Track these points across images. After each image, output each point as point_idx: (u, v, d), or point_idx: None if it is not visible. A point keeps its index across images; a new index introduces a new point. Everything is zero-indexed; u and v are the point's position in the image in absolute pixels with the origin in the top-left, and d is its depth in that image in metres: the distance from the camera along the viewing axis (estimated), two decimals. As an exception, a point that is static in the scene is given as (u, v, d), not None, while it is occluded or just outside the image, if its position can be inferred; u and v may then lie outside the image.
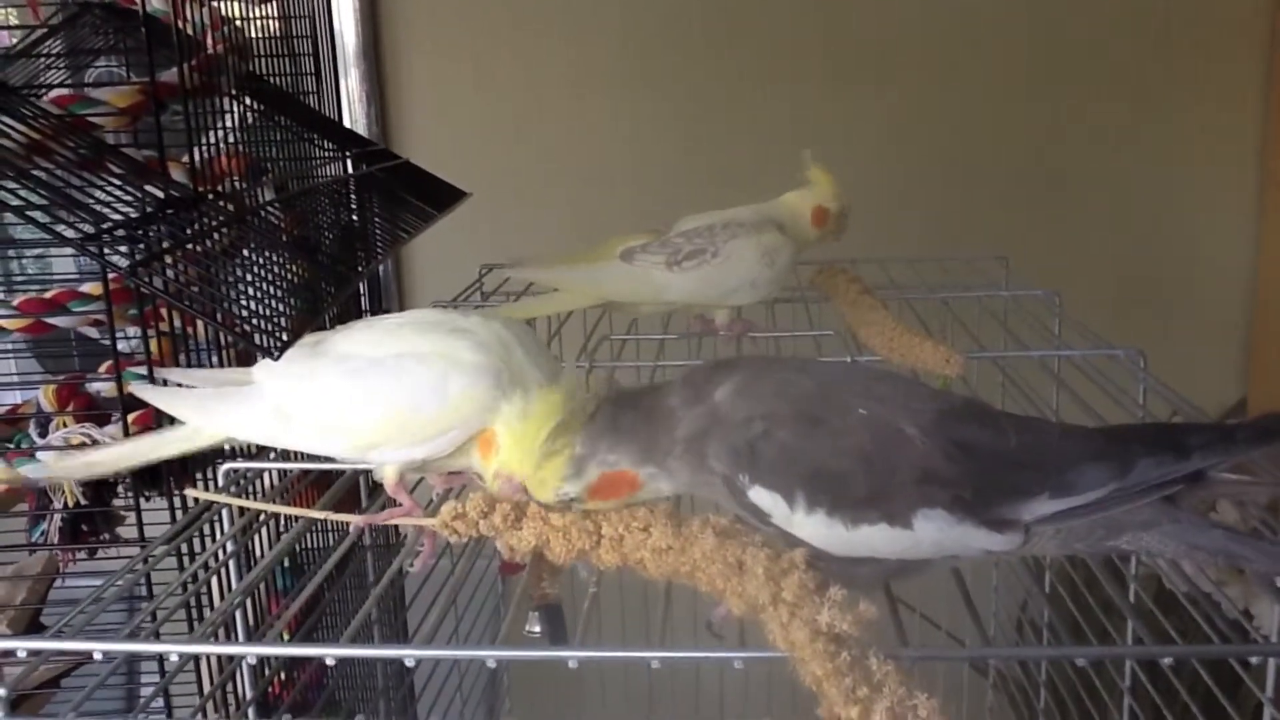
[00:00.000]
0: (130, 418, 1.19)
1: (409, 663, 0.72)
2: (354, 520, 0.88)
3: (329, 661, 0.69)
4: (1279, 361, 2.56)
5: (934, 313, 1.47)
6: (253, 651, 0.72)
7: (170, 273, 0.92)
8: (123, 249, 0.95)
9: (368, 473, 1.09)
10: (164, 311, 1.19)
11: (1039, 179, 2.53)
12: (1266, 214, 2.57)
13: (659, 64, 2.49)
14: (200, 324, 1.23)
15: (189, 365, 1.17)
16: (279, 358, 0.88)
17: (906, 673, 0.61)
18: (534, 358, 0.87)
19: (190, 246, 0.95)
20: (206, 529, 1.07)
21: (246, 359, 1.29)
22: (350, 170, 1.51)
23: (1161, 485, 0.70)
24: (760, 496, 0.74)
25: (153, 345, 1.20)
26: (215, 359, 1.23)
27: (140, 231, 0.92)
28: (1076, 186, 2.53)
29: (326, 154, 1.47)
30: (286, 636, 1.21)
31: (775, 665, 0.66)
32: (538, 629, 1.34)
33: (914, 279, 1.58)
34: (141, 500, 1.20)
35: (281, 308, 0.96)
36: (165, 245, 0.92)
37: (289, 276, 1.05)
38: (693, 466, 0.77)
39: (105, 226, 0.90)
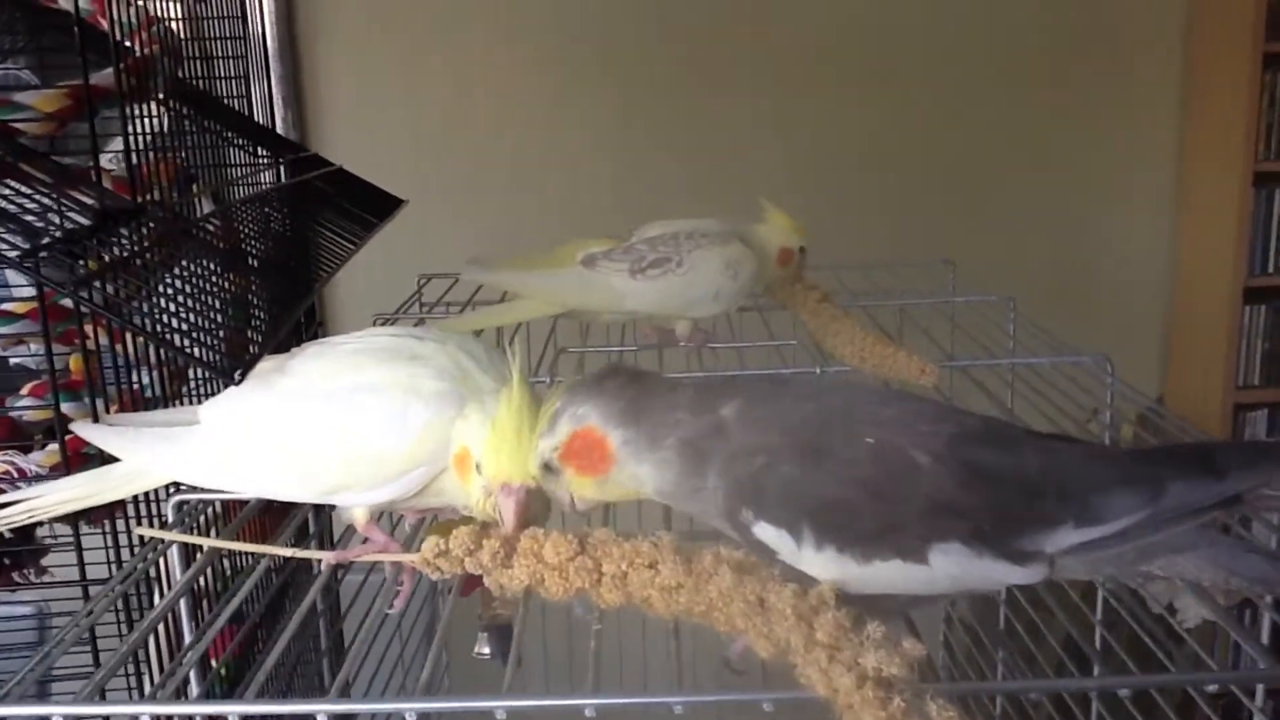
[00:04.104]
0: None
1: (410, 718, 0.66)
2: (325, 558, 0.82)
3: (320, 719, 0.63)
4: (1195, 360, 2.61)
5: (887, 318, 1.45)
6: (235, 710, 0.65)
7: (110, 288, 0.85)
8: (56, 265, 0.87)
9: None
10: (89, 329, 1.11)
11: (966, 185, 2.55)
12: (1182, 217, 2.62)
13: (591, 67, 2.45)
14: (129, 341, 1.15)
15: (109, 383, 1.09)
16: (240, 381, 0.81)
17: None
18: (494, 378, 0.82)
19: (135, 262, 0.88)
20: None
21: (181, 377, 1.22)
22: (283, 177, 1.44)
23: (1197, 511, 0.67)
24: (765, 533, 0.69)
25: (73, 363, 1.12)
26: (150, 377, 1.15)
27: (82, 246, 0.85)
28: (1003, 193, 2.57)
29: (260, 161, 1.39)
30: (223, 670, 1.15)
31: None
32: (486, 650, 1.28)
33: (862, 284, 1.56)
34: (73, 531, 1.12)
35: (239, 328, 0.89)
36: (108, 261, 0.85)
37: (239, 293, 0.98)
38: (685, 471, 0.72)
39: (44, 241, 0.82)
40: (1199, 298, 2.60)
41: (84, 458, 1.06)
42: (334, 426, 0.79)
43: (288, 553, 0.82)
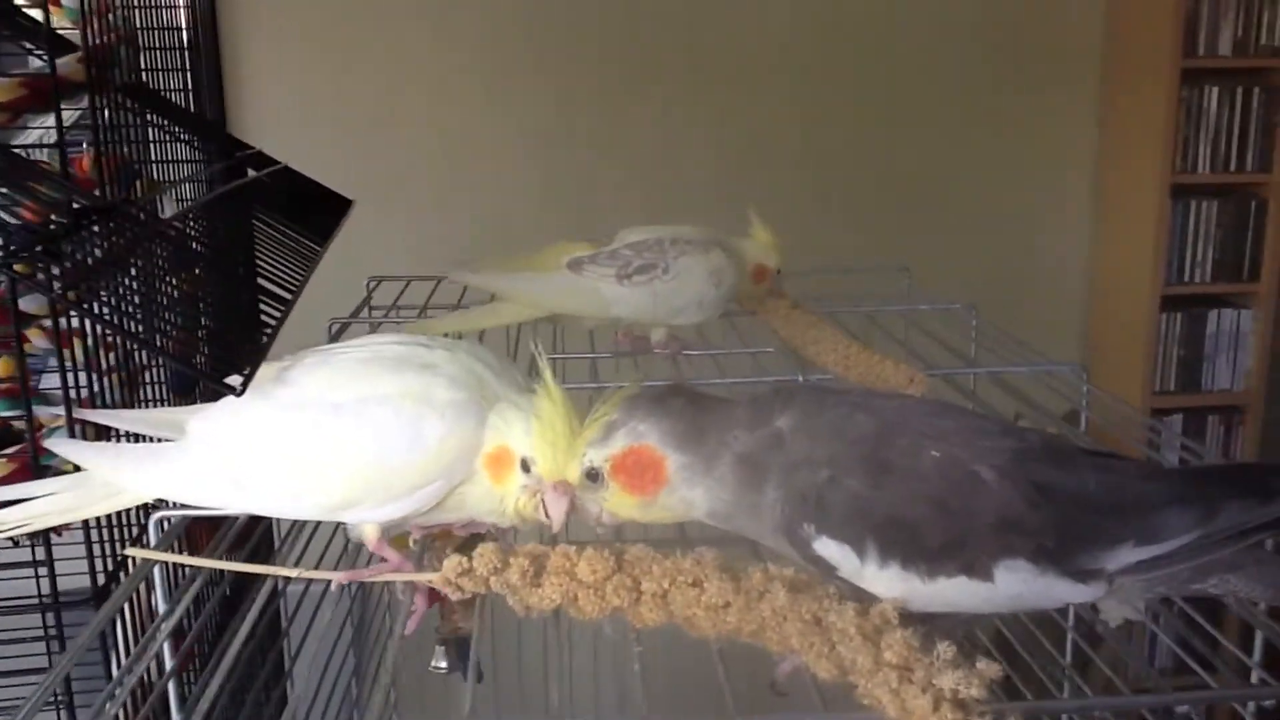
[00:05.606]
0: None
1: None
2: (335, 578, 0.77)
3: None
4: (1113, 366, 2.67)
5: (849, 324, 1.44)
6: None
7: (89, 289, 0.79)
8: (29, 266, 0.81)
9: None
10: (34, 331, 1.05)
11: (901, 193, 2.58)
12: (1102, 227, 2.69)
13: (527, 64, 2.41)
14: (75, 344, 1.09)
15: (57, 388, 1.02)
16: (242, 392, 0.76)
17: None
18: (508, 384, 0.79)
19: (114, 264, 0.82)
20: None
21: (135, 380, 1.15)
22: (230, 175, 1.38)
23: (1248, 531, 0.67)
24: (827, 548, 0.67)
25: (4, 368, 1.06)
26: (103, 382, 1.08)
27: (58, 246, 0.79)
28: (930, 202, 2.61)
29: (209, 158, 1.33)
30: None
31: None
32: (444, 664, 1.24)
33: (815, 289, 1.55)
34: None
35: (231, 335, 0.84)
36: (89, 262, 0.79)
37: (224, 298, 0.93)
38: (741, 487, 0.70)
39: (17, 240, 0.77)
40: (1118, 305, 2.67)
41: (41, 468, 0.99)
42: (344, 439, 0.74)
43: (294, 573, 0.78)
